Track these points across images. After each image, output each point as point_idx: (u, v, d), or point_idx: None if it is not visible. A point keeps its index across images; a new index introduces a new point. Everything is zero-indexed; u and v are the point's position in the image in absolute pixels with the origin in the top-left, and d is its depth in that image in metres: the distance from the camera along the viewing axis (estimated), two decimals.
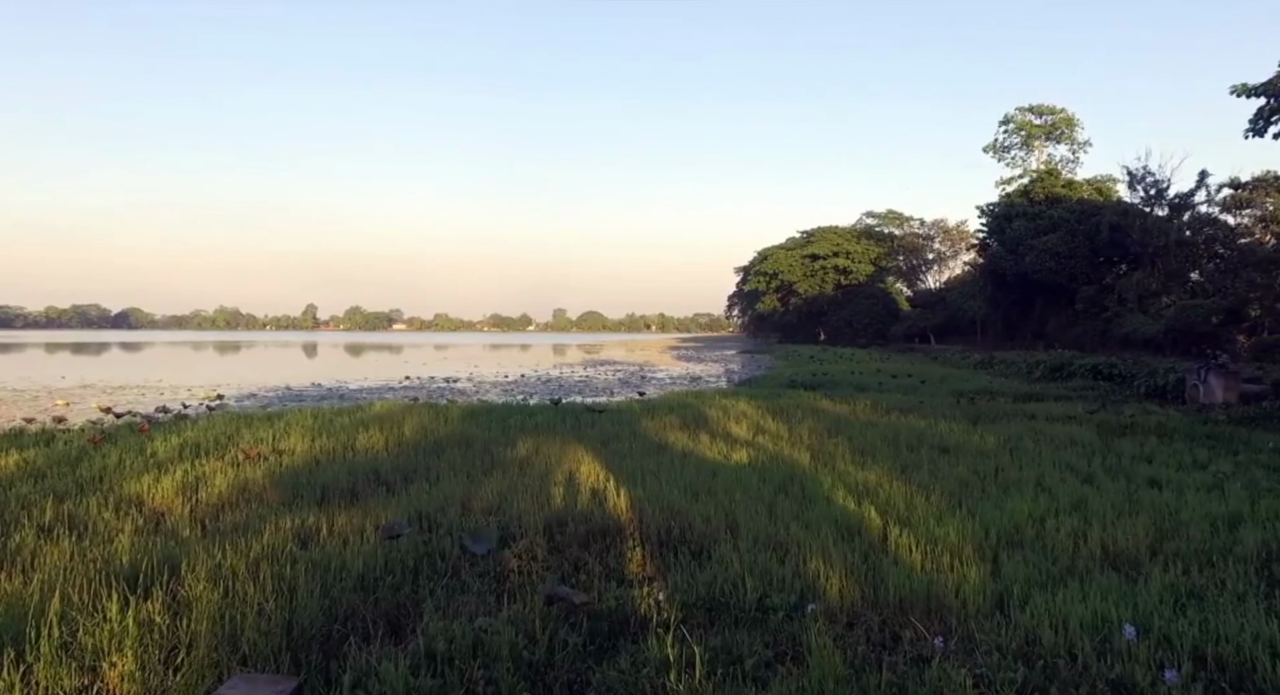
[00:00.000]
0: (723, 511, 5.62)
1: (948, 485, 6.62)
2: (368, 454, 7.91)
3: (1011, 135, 47.86)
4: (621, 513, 5.55)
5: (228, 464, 7.00)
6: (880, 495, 6.21)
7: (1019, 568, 4.40)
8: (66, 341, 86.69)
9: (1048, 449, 8.41)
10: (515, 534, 5.18)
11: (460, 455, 7.84)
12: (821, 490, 6.40)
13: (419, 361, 44.07)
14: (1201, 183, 32.48)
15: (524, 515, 5.45)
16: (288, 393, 21.32)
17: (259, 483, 6.39)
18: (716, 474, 7.04)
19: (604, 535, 5.16)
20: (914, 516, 5.56)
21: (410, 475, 6.94)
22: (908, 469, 7.47)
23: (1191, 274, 34.39)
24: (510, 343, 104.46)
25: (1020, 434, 9.40)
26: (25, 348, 65.80)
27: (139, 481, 6.06)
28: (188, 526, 5.13)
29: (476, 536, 4.92)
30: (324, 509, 5.75)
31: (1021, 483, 6.73)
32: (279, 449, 7.78)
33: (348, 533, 5.19)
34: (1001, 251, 41.67)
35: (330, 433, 8.83)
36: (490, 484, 6.37)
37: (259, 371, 33.63)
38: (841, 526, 5.31)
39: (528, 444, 8.57)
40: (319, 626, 3.43)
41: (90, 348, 67.92)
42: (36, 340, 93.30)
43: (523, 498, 5.90)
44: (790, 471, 7.18)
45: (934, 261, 76.96)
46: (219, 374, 30.63)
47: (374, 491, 6.35)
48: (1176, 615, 3.60)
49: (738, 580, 4.34)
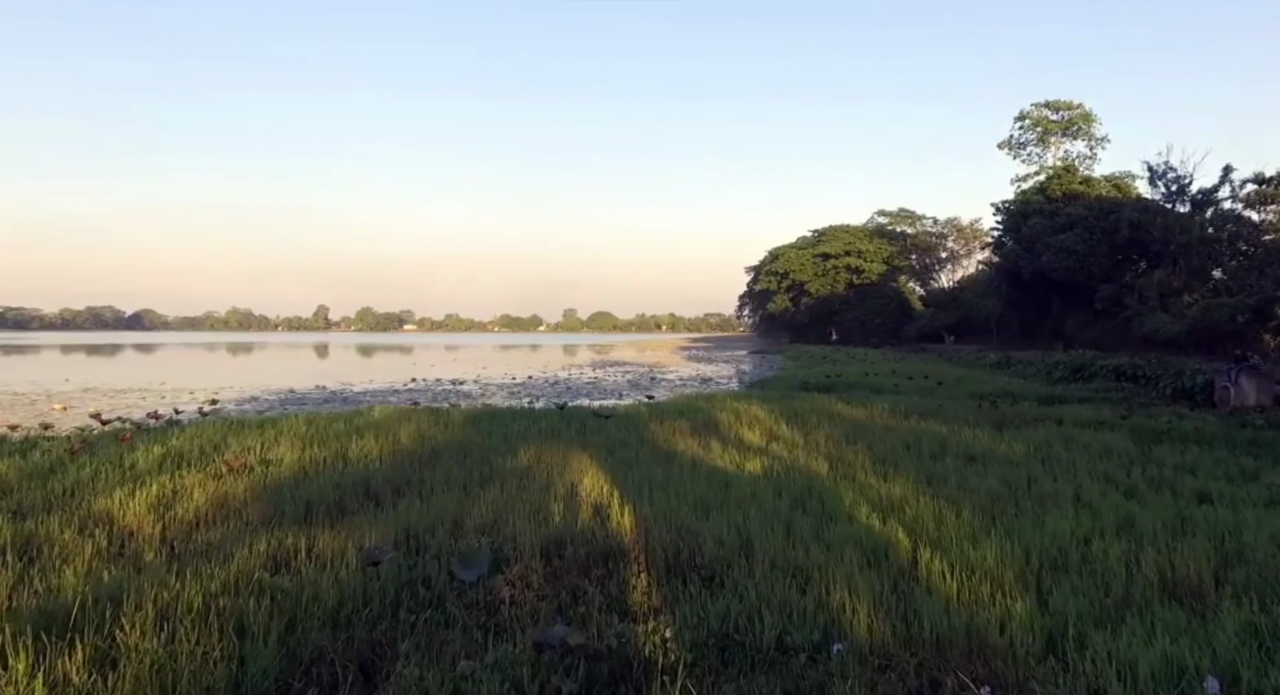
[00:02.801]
0: (736, 530, 5.17)
1: (978, 499, 6.14)
2: (360, 464, 7.51)
3: (1027, 131, 47.05)
4: (626, 532, 5.10)
5: (209, 476, 6.61)
6: (907, 511, 5.73)
7: (1068, 599, 3.93)
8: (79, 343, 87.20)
9: (1081, 458, 7.89)
10: (509, 557, 4.75)
11: (457, 465, 7.42)
12: (842, 505, 5.94)
13: (427, 363, 43.81)
14: (1225, 178, 31.65)
15: (520, 535, 5.02)
16: (290, 396, 21.03)
17: (240, 497, 5.99)
18: (729, 486, 6.59)
19: (606, 558, 4.72)
20: (945, 536, 5.09)
21: (402, 488, 6.53)
22: (933, 480, 6.99)
23: (1214, 272, 33.57)
24: (520, 343, 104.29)
25: (1050, 441, 8.88)
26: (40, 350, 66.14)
27: (111, 497, 5.67)
28: (154, 549, 4.73)
29: (466, 561, 4.48)
30: (306, 527, 5.34)
31: (1058, 497, 6.24)
32: (266, 459, 7.39)
33: (329, 555, 4.78)
34: (1017, 249, 40.94)
35: (322, 441, 8.43)
36: (486, 498, 5.94)
37: (265, 374, 33.45)
38: (867, 549, 4.85)
39: (529, 452, 8.15)
40: (276, 677, 3.00)
41: (102, 349, 68.21)
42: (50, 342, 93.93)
43: (519, 514, 5.47)
44: (808, 483, 6.72)
45: (947, 260, 76.06)
46: (225, 377, 30.43)
47: (362, 507, 5.94)
48: (1265, 662, 3.12)
49: (754, 614, 3.89)
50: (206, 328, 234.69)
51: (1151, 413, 12.94)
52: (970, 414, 12.02)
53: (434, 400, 18.57)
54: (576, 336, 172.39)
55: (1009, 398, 15.89)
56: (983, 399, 15.17)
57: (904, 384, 20.59)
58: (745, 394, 17.24)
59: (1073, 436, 9.21)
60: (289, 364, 46.48)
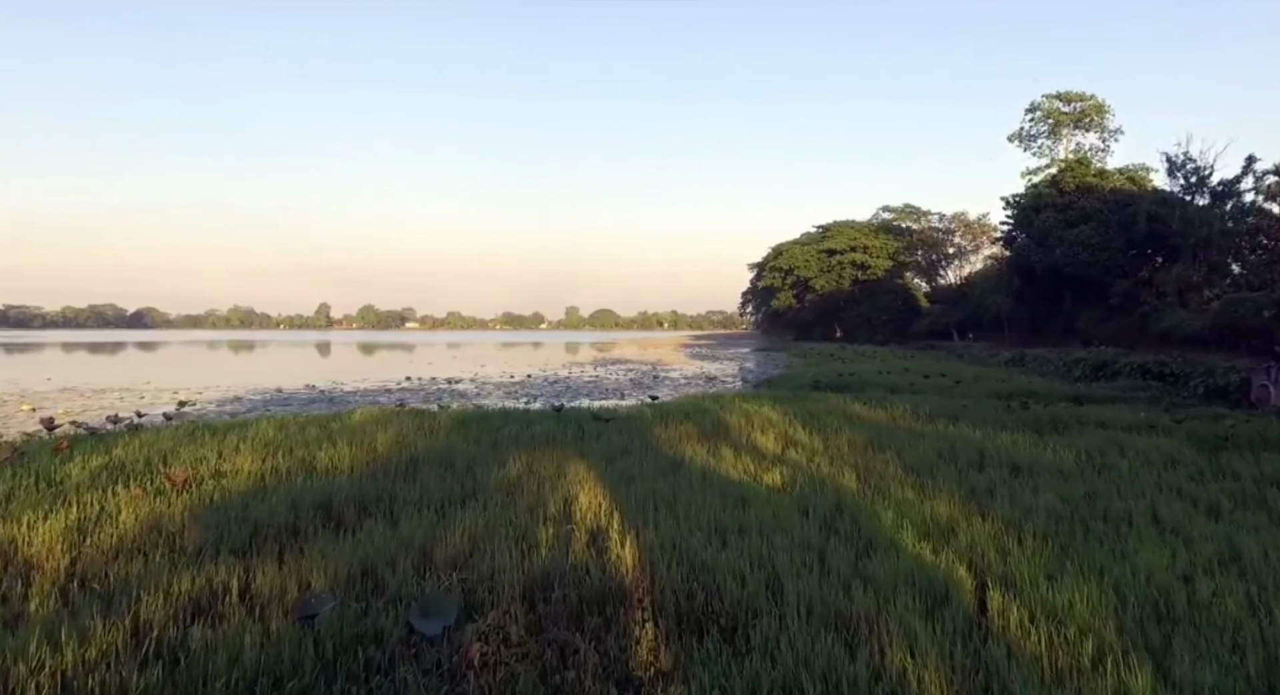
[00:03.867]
0: (760, 563, 4.30)
1: (1038, 521, 5.25)
2: (327, 476, 6.64)
3: (1038, 123, 45.87)
4: (627, 567, 4.22)
5: (149, 493, 5.74)
6: (960, 537, 4.85)
7: (1198, 669, 3.05)
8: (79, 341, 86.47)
9: (1142, 468, 7.00)
10: (484, 600, 3.88)
11: (436, 478, 6.55)
12: (881, 528, 5.05)
13: (425, 361, 42.95)
14: (1249, 168, 30.59)
15: (499, 571, 4.15)
16: (276, 396, 20.15)
17: (176, 519, 5.12)
18: (746, 503, 5.71)
19: (603, 602, 3.84)
20: (1013, 571, 4.20)
21: (370, 506, 5.66)
22: (978, 495, 6.10)
23: (1233, 266, 32.58)
24: (522, 341, 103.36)
25: (1099, 448, 7.99)
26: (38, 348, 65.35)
27: (19, 520, 4.80)
28: (49, 590, 3.86)
29: (429, 609, 3.60)
30: (245, 558, 4.47)
31: (1131, 517, 5.35)
32: (220, 471, 6.52)
33: (265, 596, 3.92)
34: (1029, 244, 39.92)
35: (290, 448, 7.56)
36: (464, 521, 5.06)
37: (256, 372, 32.59)
38: (921, 588, 3.97)
39: (519, 462, 7.27)
40: None
41: (103, 347, 67.45)
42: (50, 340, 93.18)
43: (501, 543, 4.60)
44: (837, 500, 5.83)
45: (954, 256, 74.90)
46: (214, 375, 29.56)
47: (320, 530, 5.07)
48: None
49: (792, 684, 3.04)
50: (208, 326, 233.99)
51: (1193, 414, 12.02)
52: (999, 416, 11.12)
53: (426, 400, 17.70)
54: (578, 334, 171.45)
55: (1033, 397, 14.98)
56: (1008, 399, 14.26)
57: (919, 383, 19.67)
58: (754, 394, 16.35)
59: (1123, 442, 8.31)
60: (284, 362, 45.65)
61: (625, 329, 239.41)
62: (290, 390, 21.91)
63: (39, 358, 48.09)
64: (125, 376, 27.98)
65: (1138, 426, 9.60)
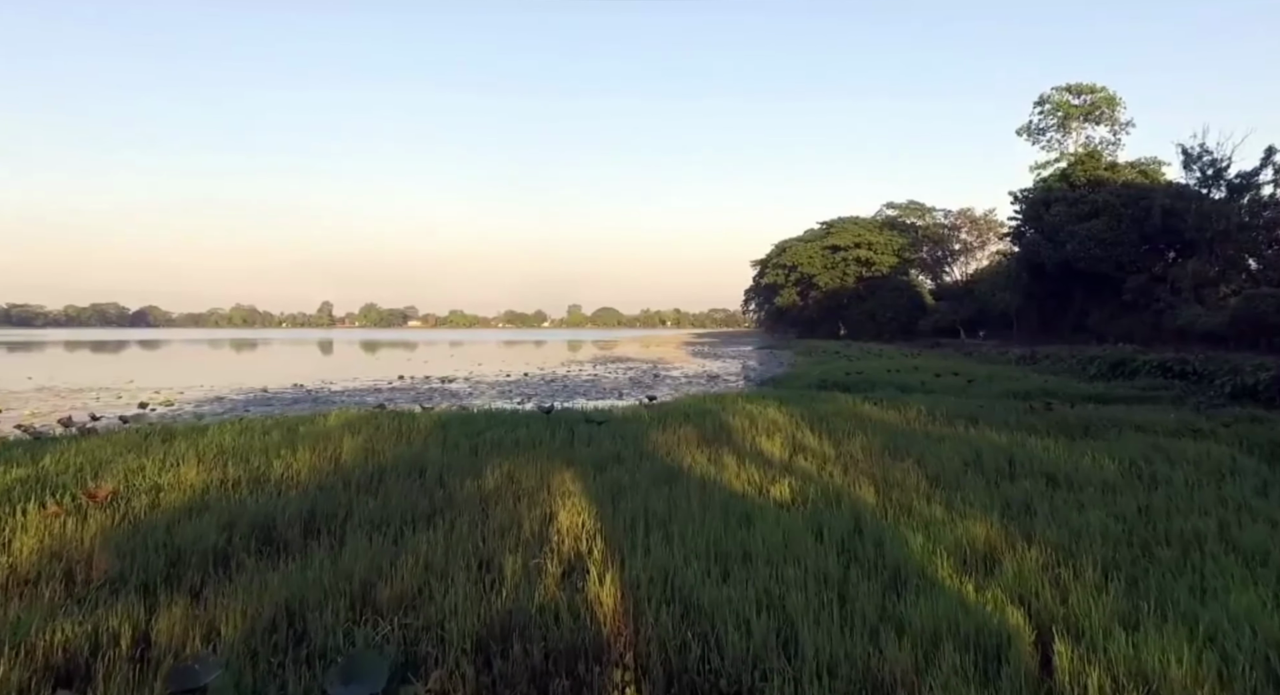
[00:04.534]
0: (768, 604, 3.54)
1: (1093, 545, 4.48)
2: (279, 489, 5.90)
3: (1048, 116, 44.95)
4: (606, 613, 3.47)
5: (65, 510, 5.01)
6: (1005, 568, 4.08)
7: None
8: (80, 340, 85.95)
9: (1197, 480, 6.23)
10: (429, 655, 3.14)
11: (401, 491, 5.81)
12: (910, 556, 4.29)
13: (422, 359, 42.23)
14: (1268, 160, 29.66)
15: (451, 614, 3.40)
16: (260, 396, 19.41)
17: (86, 545, 4.38)
18: (750, 522, 4.96)
19: (574, 659, 3.10)
20: (1076, 614, 3.44)
21: (318, 527, 4.93)
22: (1015, 512, 5.35)
23: (1250, 261, 31.72)
24: (524, 339, 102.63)
25: (1142, 455, 7.21)
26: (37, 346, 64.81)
27: None
28: None
29: (353, 672, 2.86)
30: (153, 594, 3.74)
31: (1201, 541, 4.57)
32: (157, 484, 5.79)
33: (161, 649, 3.19)
34: (1038, 239, 39.03)
35: (246, 456, 6.82)
36: (421, 546, 4.32)
37: (247, 371, 31.87)
38: (968, 640, 3.21)
39: (498, 471, 6.52)
40: None
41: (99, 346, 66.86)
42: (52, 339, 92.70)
43: (459, 576, 3.85)
44: (854, 518, 5.07)
45: (960, 253, 73.97)
46: (202, 374, 28.83)
47: (254, 557, 4.33)
48: None
49: None
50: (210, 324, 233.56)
51: (1225, 414, 11.24)
52: (1022, 418, 10.35)
53: (416, 400, 16.97)
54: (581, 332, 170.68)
55: (1053, 397, 14.20)
56: (1027, 399, 13.48)
57: (930, 381, 18.88)
58: (758, 394, 15.58)
59: (1167, 448, 7.53)
60: (279, 361, 44.96)
61: (628, 327, 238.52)
62: (276, 390, 21.17)
63: (32, 357, 47.49)
64: (109, 375, 27.26)
65: (1180, 431, 8.81)
